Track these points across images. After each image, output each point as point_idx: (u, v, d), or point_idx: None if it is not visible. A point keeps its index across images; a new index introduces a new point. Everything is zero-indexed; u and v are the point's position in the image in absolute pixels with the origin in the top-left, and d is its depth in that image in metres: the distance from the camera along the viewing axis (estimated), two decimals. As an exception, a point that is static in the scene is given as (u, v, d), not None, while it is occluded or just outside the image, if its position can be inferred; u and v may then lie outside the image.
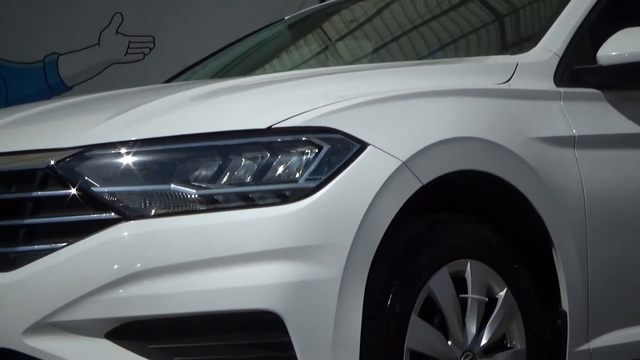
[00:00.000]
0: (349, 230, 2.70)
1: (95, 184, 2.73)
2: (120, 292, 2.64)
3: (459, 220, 3.04)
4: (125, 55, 6.89)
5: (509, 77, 3.34)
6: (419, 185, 2.84)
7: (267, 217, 2.67)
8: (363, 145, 2.79)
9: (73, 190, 2.72)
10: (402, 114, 2.96)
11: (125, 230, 2.67)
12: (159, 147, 2.77)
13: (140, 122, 2.88)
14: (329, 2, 5.48)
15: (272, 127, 2.78)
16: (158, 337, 2.65)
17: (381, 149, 2.81)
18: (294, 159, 2.75)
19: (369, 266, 2.72)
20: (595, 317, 3.25)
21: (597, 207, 3.27)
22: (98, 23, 6.85)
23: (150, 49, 6.89)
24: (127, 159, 2.75)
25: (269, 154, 2.75)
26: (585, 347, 3.24)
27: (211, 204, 2.70)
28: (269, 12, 5.75)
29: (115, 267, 2.65)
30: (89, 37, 6.86)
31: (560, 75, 3.44)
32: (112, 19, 6.85)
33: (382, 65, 3.84)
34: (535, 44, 3.51)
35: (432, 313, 2.88)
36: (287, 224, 2.67)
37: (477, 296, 2.97)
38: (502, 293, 3.03)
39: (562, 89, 3.41)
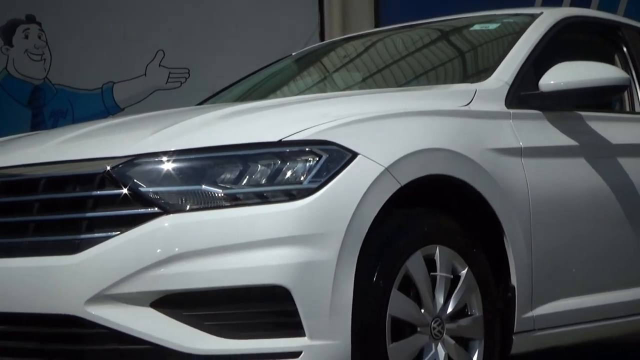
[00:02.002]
0: (343, 222, 2.69)
1: (142, 185, 2.72)
2: (162, 270, 2.64)
3: (430, 214, 3.03)
4: (166, 84, 6.88)
5: (469, 100, 3.33)
6: (398, 186, 2.83)
7: (278, 212, 2.67)
8: (354, 155, 2.79)
9: (124, 190, 2.72)
10: (385, 130, 2.95)
11: (166, 221, 2.67)
12: (193, 156, 2.77)
13: (178, 136, 2.88)
14: (327, 41, 5.48)
15: (282, 140, 2.77)
16: (192, 306, 2.65)
17: (368, 157, 2.80)
18: (299, 165, 2.74)
19: (358, 250, 2.72)
20: (537, 291, 3.25)
21: (539, 203, 3.26)
22: (145, 58, 6.84)
23: (186, 79, 6.89)
24: (168, 165, 2.75)
25: (279, 161, 2.74)
26: (529, 314, 3.23)
27: (234, 200, 2.70)
28: (281, 48, 5.75)
29: (158, 250, 2.65)
30: (138, 69, 6.85)
31: (510, 99, 3.43)
32: (155, 54, 6.84)
33: (369, 91, 3.84)
34: (490, 75, 3.50)
35: (408, 287, 2.87)
36: (294, 216, 2.66)
37: (444, 274, 2.96)
38: (464, 272, 3.02)
39: (511, 110, 3.40)
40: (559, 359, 4.65)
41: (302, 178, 2.72)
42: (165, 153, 2.77)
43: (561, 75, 3.47)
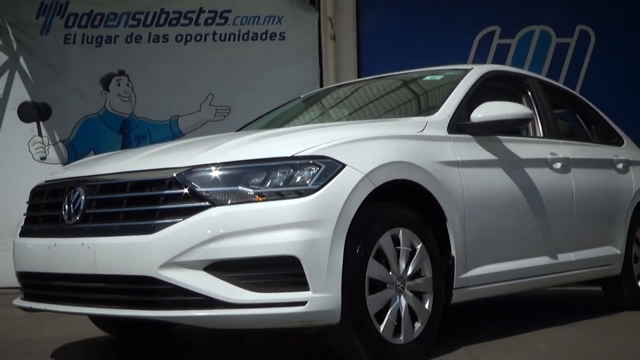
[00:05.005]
0: (335, 212, 2.70)
1: (198, 186, 2.72)
2: (212, 245, 2.64)
3: (396, 206, 3.03)
4: (214, 117, 6.87)
5: (423, 128, 3.33)
6: (374, 187, 2.83)
7: (291, 205, 2.66)
8: (343, 166, 2.79)
9: (185, 190, 2.72)
10: (364, 148, 2.95)
11: (214, 212, 2.67)
12: (233, 166, 2.76)
13: (223, 153, 2.87)
14: (324, 87, 5.48)
15: (294, 155, 2.77)
16: (233, 270, 2.64)
17: (353, 167, 2.81)
18: (306, 173, 2.74)
19: (346, 231, 2.72)
20: (470, 259, 3.25)
21: (470, 199, 3.27)
22: (199, 99, 6.83)
23: (228, 113, 6.88)
24: (215, 173, 2.75)
25: (292, 170, 2.74)
26: (465, 275, 3.23)
27: (260, 197, 2.69)
28: (293, 92, 5.75)
29: (209, 231, 2.64)
30: (194, 107, 6.85)
31: (451, 128, 3.43)
32: (207, 96, 6.83)
33: (353, 122, 3.83)
34: (437, 111, 3.50)
35: (380, 257, 2.87)
36: (302, 208, 2.66)
37: (405, 248, 2.97)
38: (419, 246, 3.02)
39: (451, 135, 3.40)
40: (489, 307, 4.64)
41: (307, 182, 2.72)
42: (214, 164, 2.77)
43: (486, 111, 3.47)
